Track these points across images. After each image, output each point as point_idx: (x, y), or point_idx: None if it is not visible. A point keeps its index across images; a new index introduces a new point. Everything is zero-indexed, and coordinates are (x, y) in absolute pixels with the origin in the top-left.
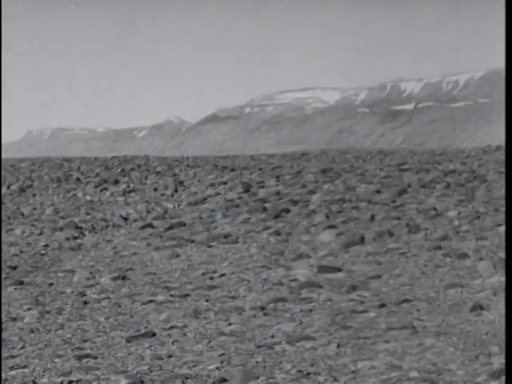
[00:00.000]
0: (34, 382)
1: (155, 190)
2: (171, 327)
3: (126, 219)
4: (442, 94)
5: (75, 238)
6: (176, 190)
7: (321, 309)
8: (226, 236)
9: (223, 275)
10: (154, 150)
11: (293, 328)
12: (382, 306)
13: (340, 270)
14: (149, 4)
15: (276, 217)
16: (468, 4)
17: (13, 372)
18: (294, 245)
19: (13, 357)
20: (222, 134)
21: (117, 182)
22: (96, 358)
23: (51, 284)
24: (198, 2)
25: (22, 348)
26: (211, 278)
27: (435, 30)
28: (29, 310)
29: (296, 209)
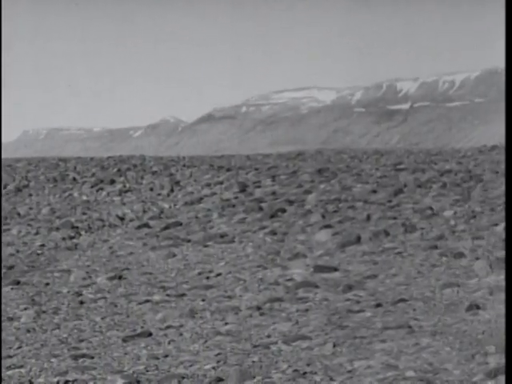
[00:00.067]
0: (30, 382)
1: (151, 189)
2: (167, 327)
3: (122, 219)
4: (438, 93)
5: (71, 238)
6: (172, 190)
7: (317, 308)
8: (222, 236)
9: (219, 275)
10: (149, 149)
11: (289, 328)
12: (378, 305)
13: (336, 269)
14: (149, 3)
15: (272, 216)
16: (468, 3)
17: (9, 372)
18: (290, 244)
19: (9, 357)
20: (218, 134)
21: (113, 181)
22: (92, 357)
23: (47, 284)
24: (198, 2)
25: (19, 348)
26: (207, 278)
27: (435, 29)
28: (25, 309)
29: (292, 208)
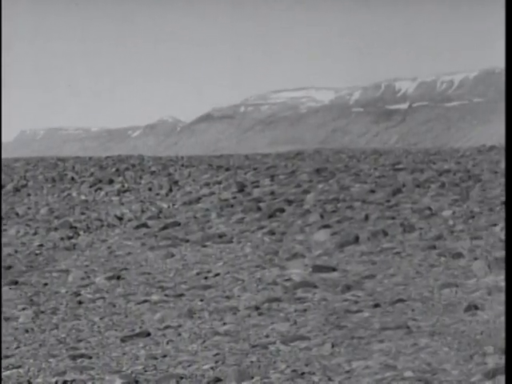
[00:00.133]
0: (28, 382)
1: (150, 189)
2: (166, 327)
3: (120, 219)
4: (436, 93)
5: (70, 238)
6: (171, 190)
7: (315, 308)
8: (221, 236)
9: (218, 275)
10: (148, 149)
11: (287, 328)
12: (377, 305)
13: (334, 269)
14: (148, 3)
15: (270, 216)
16: (468, 4)
17: (7, 372)
18: (289, 244)
19: (7, 357)
20: (217, 134)
21: (111, 181)
22: (91, 357)
23: (46, 284)
24: (198, 2)
25: (17, 348)
26: (206, 278)
27: (435, 29)
28: (23, 309)
29: (290, 208)
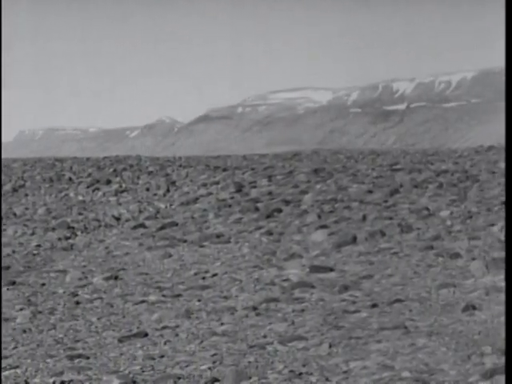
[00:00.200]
0: (26, 382)
1: (147, 189)
2: (163, 327)
3: (118, 219)
4: (434, 94)
5: (67, 238)
6: (168, 190)
7: (313, 309)
8: (218, 236)
9: (215, 275)
10: (146, 149)
11: (285, 328)
12: (374, 306)
13: (332, 269)
14: (148, 3)
15: (268, 217)
16: (468, 3)
17: (5, 372)
18: (286, 245)
19: (5, 357)
20: (214, 134)
21: (109, 182)
22: (88, 358)
23: (43, 284)
24: (198, 1)
25: (15, 348)
26: (203, 278)
27: (435, 29)
28: (21, 310)
29: (288, 209)
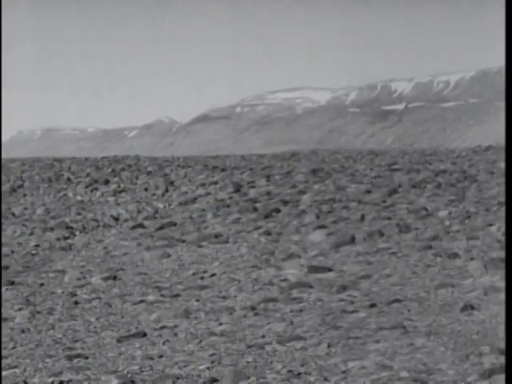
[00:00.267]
0: (24, 382)
1: (146, 190)
2: (162, 327)
3: (116, 219)
4: (432, 94)
5: (66, 238)
6: (167, 190)
7: (311, 309)
8: (217, 236)
9: (214, 275)
10: (144, 150)
11: (283, 328)
12: (373, 305)
13: (330, 269)
14: (148, 3)
15: (266, 217)
16: (468, 3)
17: (4, 372)
18: (285, 245)
19: (4, 357)
20: (213, 134)
21: (107, 182)
22: (87, 358)
23: (42, 284)
24: (198, 1)
25: (13, 348)
26: (202, 278)
27: (435, 29)
28: (20, 310)
29: (286, 209)
